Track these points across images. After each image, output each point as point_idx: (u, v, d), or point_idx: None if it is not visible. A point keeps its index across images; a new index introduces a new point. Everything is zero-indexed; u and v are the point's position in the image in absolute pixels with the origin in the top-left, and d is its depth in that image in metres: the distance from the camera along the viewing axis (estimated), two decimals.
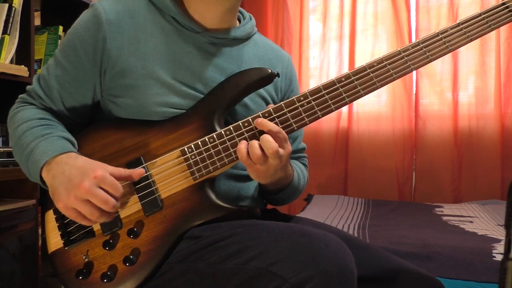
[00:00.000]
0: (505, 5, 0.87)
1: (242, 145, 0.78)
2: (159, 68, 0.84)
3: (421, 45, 0.84)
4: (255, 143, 0.76)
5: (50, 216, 0.85)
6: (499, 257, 1.34)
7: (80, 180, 0.73)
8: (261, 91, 0.93)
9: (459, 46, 0.86)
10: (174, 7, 0.86)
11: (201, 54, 0.87)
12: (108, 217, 0.75)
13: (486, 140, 2.47)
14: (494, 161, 2.45)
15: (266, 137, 0.76)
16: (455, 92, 2.54)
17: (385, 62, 0.83)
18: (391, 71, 0.83)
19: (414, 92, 2.64)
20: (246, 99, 0.90)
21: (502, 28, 0.90)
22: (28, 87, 0.91)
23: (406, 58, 0.84)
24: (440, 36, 0.85)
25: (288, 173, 0.89)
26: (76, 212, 0.74)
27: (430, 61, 0.85)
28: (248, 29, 0.95)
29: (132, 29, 0.84)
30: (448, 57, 2.51)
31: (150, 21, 0.86)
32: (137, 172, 0.80)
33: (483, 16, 0.86)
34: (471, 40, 0.86)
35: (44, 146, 0.79)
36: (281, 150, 0.77)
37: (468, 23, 0.86)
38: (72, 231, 0.82)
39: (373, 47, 2.71)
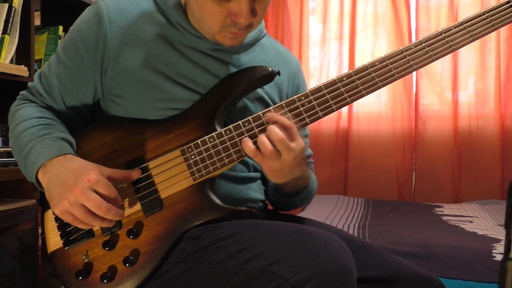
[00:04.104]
0: (510, 3, 0.85)
1: (248, 142, 0.77)
2: (159, 69, 0.84)
3: (424, 44, 0.83)
4: (264, 137, 0.75)
5: (50, 215, 0.84)
6: (499, 257, 1.34)
7: (74, 184, 0.72)
8: (263, 95, 0.91)
9: (462, 46, 0.84)
10: (177, 11, 0.85)
11: (204, 58, 0.86)
12: (102, 222, 0.73)
13: (486, 140, 2.47)
14: (494, 161, 2.45)
15: (272, 127, 0.75)
16: (455, 92, 2.54)
17: (387, 61, 0.82)
18: (393, 71, 0.82)
19: (414, 92, 2.64)
20: (246, 101, 0.89)
21: (502, 28, 0.88)
22: (29, 84, 0.90)
23: (408, 58, 0.82)
24: (443, 35, 0.83)
25: (306, 174, 0.88)
26: (72, 216, 0.73)
27: (433, 60, 0.83)
28: (255, 34, 0.92)
29: (133, 28, 0.84)
30: (448, 57, 2.51)
31: (152, 22, 0.85)
32: (134, 173, 0.79)
33: (487, 14, 0.84)
34: (474, 40, 0.83)
35: (41, 147, 0.78)
36: (292, 143, 0.75)
37: (472, 21, 0.84)
38: (72, 231, 0.81)
39: (373, 47, 2.71)
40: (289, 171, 0.78)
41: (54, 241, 0.83)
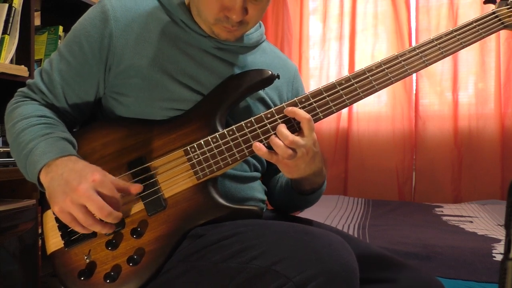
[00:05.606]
0: (495, 14, 0.92)
1: (261, 146, 0.79)
2: (163, 68, 0.84)
3: (417, 51, 0.88)
4: (278, 140, 0.78)
5: (49, 216, 0.83)
6: (499, 257, 1.34)
7: (78, 183, 0.71)
8: (264, 96, 0.93)
9: (453, 52, 0.90)
10: (182, 10, 0.87)
11: (208, 58, 0.87)
12: (102, 227, 0.72)
13: (486, 140, 2.47)
14: (494, 161, 2.45)
15: (281, 131, 0.78)
16: (455, 92, 2.54)
17: (384, 66, 0.86)
18: (389, 75, 0.86)
19: (414, 92, 2.64)
20: (248, 102, 0.90)
21: None
22: (29, 81, 0.89)
23: (403, 63, 0.87)
24: (435, 43, 0.89)
25: (323, 171, 0.89)
26: (71, 216, 0.72)
27: (426, 65, 0.88)
28: (257, 37, 0.94)
29: (138, 27, 0.85)
30: (448, 57, 2.50)
31: (157, 21, 0.86)
32: (135, 187, 0.77)
33: (474, 24, 0.91)
34: (463, 47, 0.90)
35: (44, 147, 0.77)
36: (303, 139, 0.78)
37: (461, 30, 0.91)
38: (73, 231, 0.80)
39: (373, 47, 2.71)
40: (305, 166, 0.81)
41: (54, 241, 0.82)
